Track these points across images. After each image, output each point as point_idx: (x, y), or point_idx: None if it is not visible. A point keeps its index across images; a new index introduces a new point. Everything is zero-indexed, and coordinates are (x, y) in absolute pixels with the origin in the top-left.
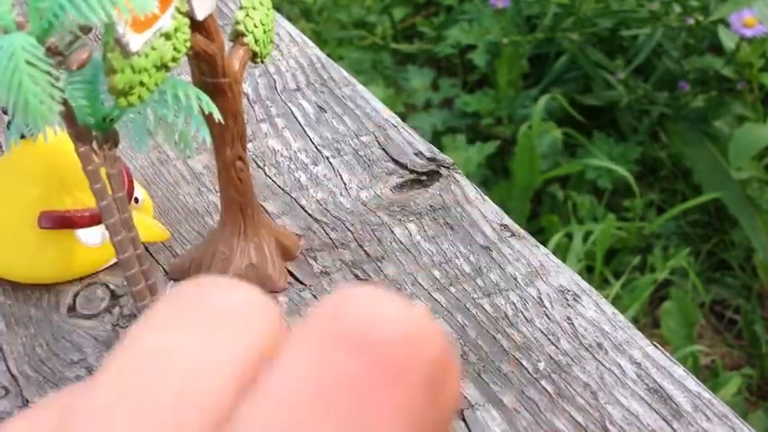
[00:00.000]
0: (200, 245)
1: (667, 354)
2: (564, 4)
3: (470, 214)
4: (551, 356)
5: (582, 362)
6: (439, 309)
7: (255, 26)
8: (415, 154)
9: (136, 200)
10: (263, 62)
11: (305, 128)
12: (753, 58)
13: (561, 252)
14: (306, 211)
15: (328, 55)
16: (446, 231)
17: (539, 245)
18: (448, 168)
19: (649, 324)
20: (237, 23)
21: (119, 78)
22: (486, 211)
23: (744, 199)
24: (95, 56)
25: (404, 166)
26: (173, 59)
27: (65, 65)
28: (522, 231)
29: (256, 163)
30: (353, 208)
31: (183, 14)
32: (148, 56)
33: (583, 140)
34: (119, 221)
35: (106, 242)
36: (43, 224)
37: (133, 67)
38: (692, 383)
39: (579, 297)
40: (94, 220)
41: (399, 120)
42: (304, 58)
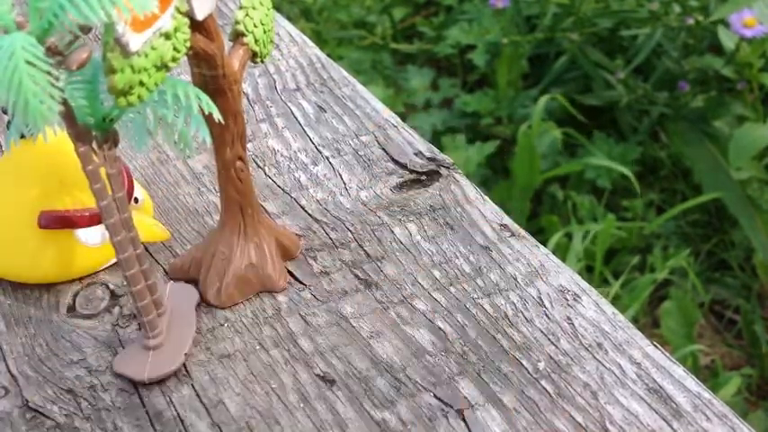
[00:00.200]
0: (200, 245)
1: (667, 354)
2: (564, 4)
3: (470, 214)
4: (551, 356)
5: (582, 362)
6: (439, 309)
7: (255, 26)
8: (415, 154)
9: (136, 200)
10: (263, 62)
11: (305, 128)
12: (753, 59)
13: (561, 252)
14: (306, 211)
15: (328, 55)
16: (446, 231)
17: (539, 245)
18: (448, 168)
19: (649, 324)
20: (237, 23)
21: (118, 78)
22: (485, 211)
23: (744, 199)
24: (95, 56)
25: (404, 166)
26: (172, 59)
27: (65, 65)
28: (522, 231)
29: (256, 163)
30: (353, 208)
31: (183, 14)
32: (148, 56)
33: (583, 140)
34: (119, 221)
35: (106, 242)
36: (43, 224)
37: (133, 67)
38: (692, 383)
39: (579, 297)
40: (94, 220)
41: (399, 120)
42: (304, 58)
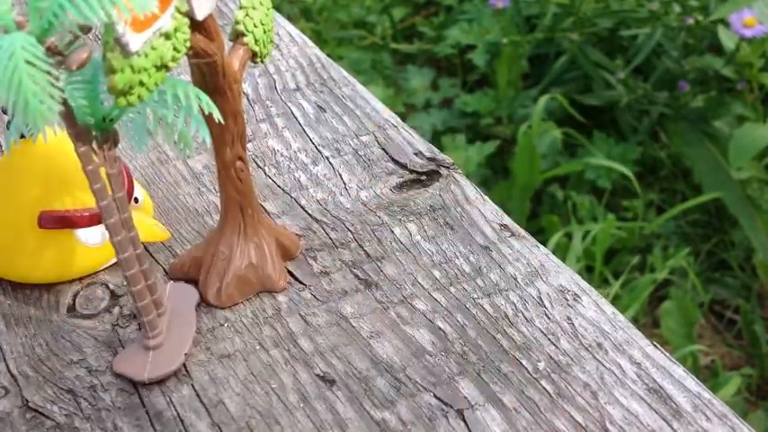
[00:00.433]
0: (200, 245)
1: (667, 354)
2: (564, 4)
3: (470, 214)
4: (551, 356)
5: (582, 362)
6: (439, 309)
7: (255, 26)
8: (415, 154)
9: (136, 200)
10: (263, 62)
11: (305, 128)
12: (753, 58)
13: (561, 252)
14: (306, 211)
15: (328, 55)
16: (446, 231)
17: (539, 245)
18: (448, 168)
19: (649, 324)
20: (237, 23)
21: (118, 78)
22: (485, 211)
23: (744, 199)
24: (95, 56)
25: (404, 166)
26: (172, 59)
27: (65, 65)
28: (522, 231)
29: (256, 163)
30: (353, 208)
31: (183, 14)
32: (148, 56)
33: (583, 140)
34: (119, 221)
35: (106, 242)
36: (44, 224)
37: (133, 67)
38: (692, 383)
39: (579, 297)
40: (94, 220)
41: (399, 120)
42: (304, 58)
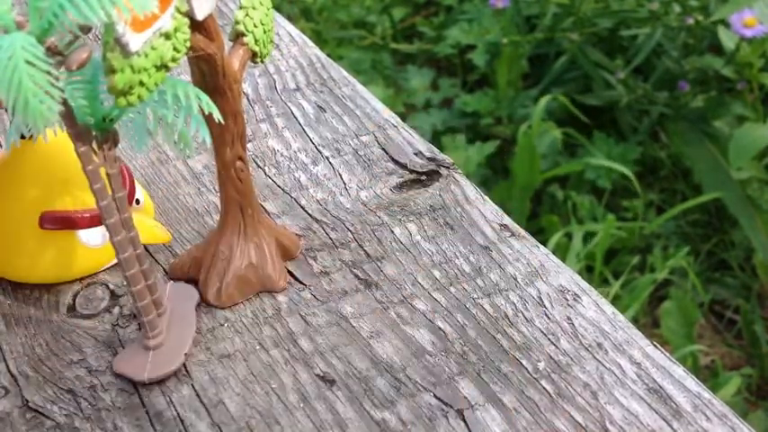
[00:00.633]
0: (200, 245)
1: (667, 354)
2: (564, 4)
3: (470, 214)
4: (551, 356)
5: (582, 362)
6: (439, 309)
7: (255, 26)
8: (415, 154)
9: (137, 201)
10: (263, 62)
11: (305, 128)
12: (753, 58)
13: (561, 252)
14: (306, 211)
15: (328, 55)
16: (446, 231)
17: (539, 245)
18: (448, 168)
19: (649, 324)
20: (237, 23)
21: (118, 78)
22: (485, 211)
23: (744, 199)
24: (95, 56)
25: (404, 166)
26: (172, 59)
27: (65, 65)
28: (522, 231)
29: (256, 163)
30: (353, 208)
31: (183, 14)
32: (148, 56)
33: (583, 140)
34: (119, 221)
35: (107, 243)
36: (45, 225)
37: (133, 67)
38: (692, 383)
39: (579, 297)
40: (95, 221)
41: (399, 120)
42: (304, 58)
